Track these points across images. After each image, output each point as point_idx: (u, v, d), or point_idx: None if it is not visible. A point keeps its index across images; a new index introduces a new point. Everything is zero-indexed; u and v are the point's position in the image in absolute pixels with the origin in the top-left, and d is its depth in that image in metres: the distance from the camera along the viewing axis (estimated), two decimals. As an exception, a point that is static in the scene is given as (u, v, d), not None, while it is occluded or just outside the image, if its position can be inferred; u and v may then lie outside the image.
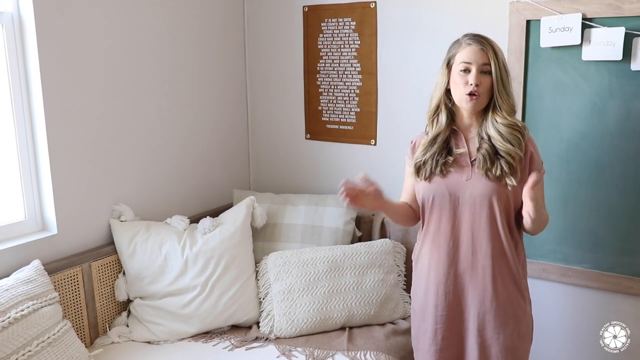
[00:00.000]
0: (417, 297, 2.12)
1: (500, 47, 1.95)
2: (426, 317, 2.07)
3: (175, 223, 2.69)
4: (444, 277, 2.01)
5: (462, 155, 1.98)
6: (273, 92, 3.29)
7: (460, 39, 1.96)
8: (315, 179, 3.23)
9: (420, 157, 2.02)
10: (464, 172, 1.96)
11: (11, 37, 2.25)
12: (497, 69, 1.88)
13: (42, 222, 2.40)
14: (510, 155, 1.89)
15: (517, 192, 1.91)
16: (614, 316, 2.51)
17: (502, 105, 1.91)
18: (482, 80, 1.89)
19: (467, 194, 1.95)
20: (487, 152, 1.91)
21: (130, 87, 2.66)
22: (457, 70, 1.92)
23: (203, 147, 3.09)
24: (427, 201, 2.03)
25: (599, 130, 2.43)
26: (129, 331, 2.51)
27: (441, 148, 1.99)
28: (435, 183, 1.99)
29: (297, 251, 2.71)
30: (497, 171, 1.89)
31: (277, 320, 2.55)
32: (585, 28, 2.35)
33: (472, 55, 1.89)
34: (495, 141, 1.90)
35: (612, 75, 2.36)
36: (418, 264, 2.12)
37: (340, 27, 3.03)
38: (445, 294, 2.01)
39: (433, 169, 1.99)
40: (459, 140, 2.00)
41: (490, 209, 1.93)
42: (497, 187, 1.91)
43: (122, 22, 2.59)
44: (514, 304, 1.98)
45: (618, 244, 2.46)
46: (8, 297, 2.01)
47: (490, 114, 1.94)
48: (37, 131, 2.33)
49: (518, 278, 1.99)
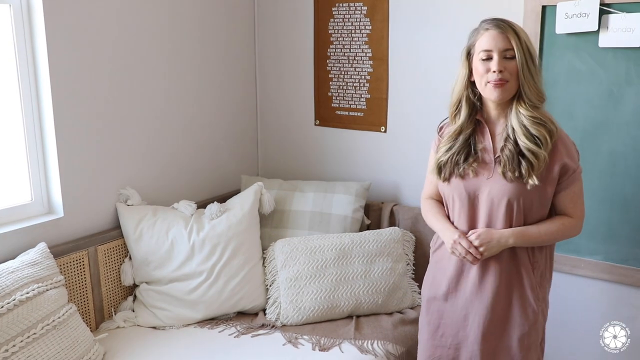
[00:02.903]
0: (427, 286, 2.08)
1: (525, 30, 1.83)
2: (432, 309, 2.03)
3: (183, 208, 2.67)
4: (456, 273, 1.95)
5: (485, 151, 1.88)
6: (282, 78, 3.25)
7: (479, 26, 1.85)
8: (325, 166, 3.20)
9: (441, 156, 1.93)
10: (486, 170, 1.87)
11: (19, 21, 2.23)
12: (521, 53, 1.76)
13: (48, 204, 2.39)
14: (534, 154, 1.77)
15: (541, 194, 1.83)
16: (627, 309, 2.47)
17: (528, 93, 1.78)
18: (507, 66, 1.77)
19: (486, 193, 1.86)
20: (510, 153, 1.81)
21: (138, 71, 2.63)
22: (478, 59, 1.81)
23: (211, 132, 3.07)
24: (449, 201, 1.98)
25: (614, 119, 2.38)
26: (134, 316, 2.51)
27: (462, 147, 1.90)
28: (455, 184, 1.92)
29: (304, 238, 2.69)
30: (516, 173, 1.80)
31: (284, 308, 2.53)
32: (603, 14, 2.30)
33: (492, 41, 1.78)
34: (519, 137, 1.79)
35: (630, 62, 2.30)
36: (435, 256, 2.07)
37: (352, 12, 2.98)
38: (455, 290, 1.96)
39: (452, 170, 1.91)
40: (484, 134, 1.90)
41: (508, 211, 1.85)
42: (516, 188, 1.82)
43: (130, 5, 2.56)
44: (522, 312, 1.89)
45: (632, 235, 2.42)
46: (13, 280, 2.01)
47: (515, 104, 1.82)
48: (44, 115, 2.32)
49: (531, 286, 1.89)
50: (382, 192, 3.04)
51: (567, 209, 1.90)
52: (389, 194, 3.02)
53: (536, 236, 1.86)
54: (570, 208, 1.90)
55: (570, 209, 1.90)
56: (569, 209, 1.90)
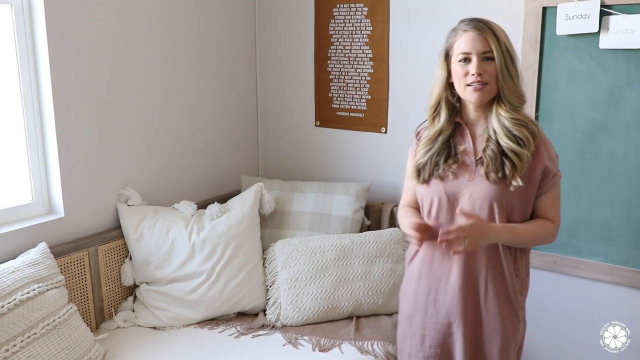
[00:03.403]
0: (406, 300, 2.00)
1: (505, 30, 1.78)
2: (414, 322, 1.95)
3: (183, 208, 2.67)
4: (436, 282, 1.88)
5: (466, 153, 1.83)
6: (283, 78, 3.25)
7: (457, 26, 1.80)
8: (325, 167, 3.20)
9: (420, 158, 1.88)
10: (467, 172, 1.81)
11: (20, 21, 2.23)
12: (500, 55, 1.71)
13: (49, 205, 2.39)
14: (517, 155, 1.73)
15: (523, 196, 1.78)
16: (627, 310, 2.47)
17: (508, 95, 1.74)
18: (486, 68, 1.73)
19: (467, 196, 1.80)
20: (493, 154, 1.76)
21: (139, 71, 2.63)
22: (456, 61, 1.77)
23: (212, 132, 3.07)
24: (426, 204, 1.89)
25: (615, 121, 2.38)
26: (134, 316, 2.51)
27: (441, 148, 1.84)
28: (434, 186, 1.85)
29: (305, 239, 2.69)
30: (499, 174, 1.74)
31: (284, 308, 2.53)
32: (604, 15, 2.30)
33: (471, 44, 1.73)
34: (501, 138, 1.74)
35: (631, 64, 2.30)
36: (411, 265, 1.98)
37: (352, 13, 2.98)
38: (436, 300, 1.89)
39: (432, 172, 1.85)
40: (464, 136, 1.85)
41: (490, 214, 1.78)
42: (499, 191, 1.76)
43: (130, 5, 2.56)
44: (505, 321, 1.84)
45: (632, 237, 2.42)
46: (14, 280, 2.01)
47: (495, 106, 1.77)
48: (45, 115, 2.32)
49: (513, 294, 1.84)
50: (383, 193, 3.04)
51: (548, 213, 1.85)
52: (389, 195, 3.02)
53: (524, 234, 1.80)
54: (551, 212, 1.85)
55: (551, 213, 1.85)
56: (550, 213, 1.85)
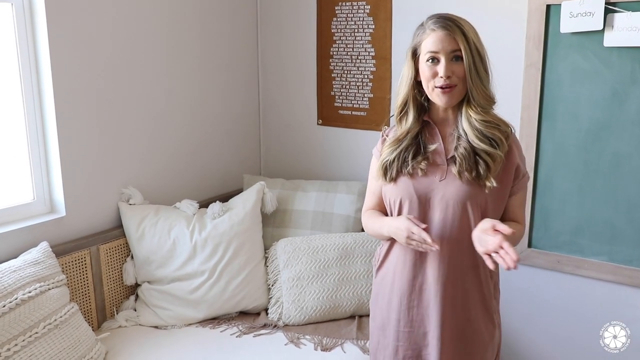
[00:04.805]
0: (378, 309, 1.88)
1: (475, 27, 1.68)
2: (387, 332, 1.84)
3: (185, 207, 2.66)
4: (408, 289, 1.77)
5: (437, 153, 1.73)
6: (285, 77, 3.24)
7: (424, 23, 1.69)
8: (327, 165, 3.19)
9: (387, 156, 1.76)
10: (438, 171, 1.71)
11: (21, 20, 2.23)
12: (469, 55, 1.62)
13: (50, 204, 2.38)
14: (490, 155, 1.65)
15: (497, 196, 1.70)
16: (630, 310, 2.46)
17: (476, 97, 1.65)
18: (455, 69, 1.64)
19: (439, 196, 1.70)
20: (466, 152, 1.67)
21: (141, 70, 2.63)
22: (424, 61, 1.67)
23: (214, 131, 3.06)
24: (395, 205, 1.77)
25: (619, 119, 2.37)
26: (136, 315, 2.50)
27: (409, 144, 1.74)
28: (403, 184, 1.74)
29: (307, 238, 2.68)
30: (473, 173, 1.66)
31: (286, 308, 2.52)
32: (608, 13, 2.28)
33: (438, 43, 1.63)
34: (472, 140, 1.66)
35: (636, 62, 2.29)
36: (380, 272, 1.87)
37: (355, 11, 2.97)
38: (409, 308, 1.78)
39: (400, 169, 1.74)
40: (434, 135, 1.75)
41: (464, 215, 1.69)
42: (473, 191, 1.67)
43: (132, 5, 2.55)
44: (481, 326, 1.76)
45: (636, 236, 2.40)
46: (15, 279, 2.00)
47: (465, 107, 1.68)
48: (46, 113, 2.31)
49: (488, 298, 1.77)
50: (385, 192, 3.02)
51: (517, 215, 1.79)
52: (391, 194, 3.01)
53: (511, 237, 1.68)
54: (519, 214, 1.79)
55: (519, 214, 1.79)
56: (518, 215, 1.79)
